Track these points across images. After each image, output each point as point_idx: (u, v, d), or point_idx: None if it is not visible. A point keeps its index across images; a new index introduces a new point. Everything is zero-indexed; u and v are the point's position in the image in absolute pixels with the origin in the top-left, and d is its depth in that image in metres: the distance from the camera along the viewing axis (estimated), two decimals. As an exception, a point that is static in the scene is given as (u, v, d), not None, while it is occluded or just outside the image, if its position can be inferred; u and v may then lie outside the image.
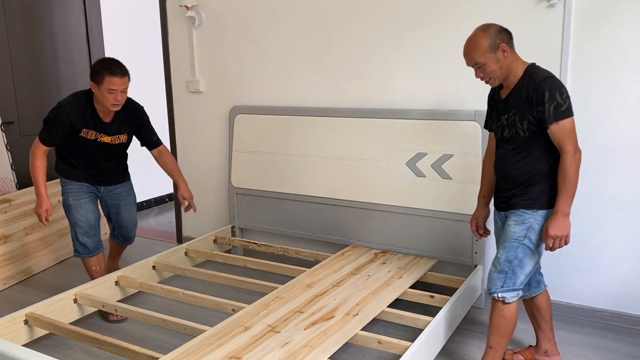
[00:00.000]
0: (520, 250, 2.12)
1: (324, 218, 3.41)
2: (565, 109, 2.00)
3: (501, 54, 2.08)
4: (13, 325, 2.48)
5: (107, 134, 2.88)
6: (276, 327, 2.28)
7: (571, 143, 2.01)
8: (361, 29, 3.21)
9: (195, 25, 3.73)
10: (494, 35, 2.08)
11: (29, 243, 3.60)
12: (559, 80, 2.05)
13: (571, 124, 2.02)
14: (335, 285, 2.72)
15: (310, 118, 3.40)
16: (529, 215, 2.11)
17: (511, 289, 2.15)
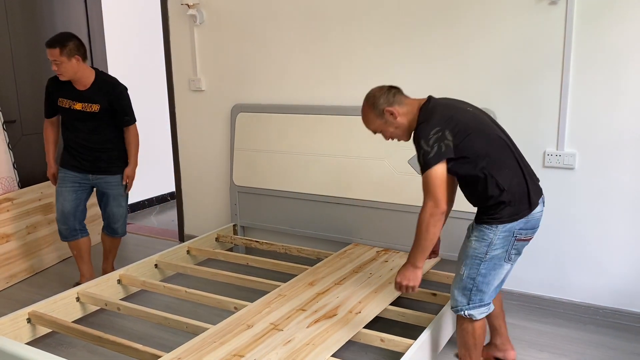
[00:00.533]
0: (482, 266, 2.04)
1: (325, 216, 3.41)
2: (433, 155, 1.91)
3: (390, 117, 2.07)
4: (16, 324, 2.49)
5: (79, 100, 3.04)
6: (278, 325, 2.28)
7: (430, 196, 1.93)
8: (361, 27, 3.21)
9: (197, 23, 3.73)
10: (377, 103, 2.07)
11: (32, 242, 3.61)
12: (427, 125, 1.96)
13: (434, 173, 1.91)
14: (338, 283, 2.72)
15: (312, 116, 3.40)
16: (489, 231, 2.01)
17: (478, 305, 2.08)
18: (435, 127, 1.93)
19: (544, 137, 2.83)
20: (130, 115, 3.16)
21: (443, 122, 1.95)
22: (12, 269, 3.44)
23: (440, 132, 1.93)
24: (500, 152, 2.01)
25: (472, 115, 2.04)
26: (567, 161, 2.78)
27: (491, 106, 2.90)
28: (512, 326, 2.79)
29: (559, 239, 2.87)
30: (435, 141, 1.92)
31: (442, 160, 1.92)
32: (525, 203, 2.01)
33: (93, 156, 3.12)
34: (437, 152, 1.91)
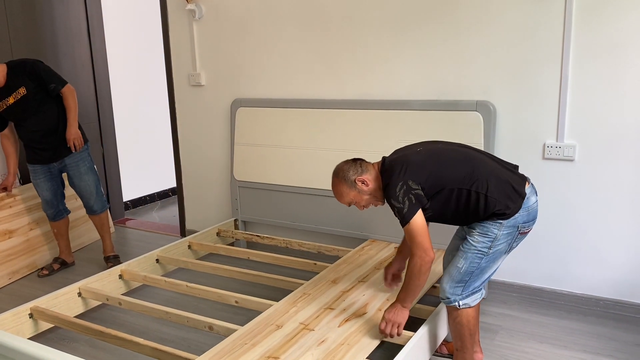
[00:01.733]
0: (484, 260, 2.05)
1: (325, 210, 3.42)
2: (407, 209, 1.97)
3: (362, 186, 2.12)
4: (18, 319, 2.51)
5: (6, 96, 3.13)
6: (309, 325, 2.24)
7: (417, 246, 1.98)
8: (361, 21, 3.20)
9: (196, 18, 3.72)
10: (347, 176, 2.13)
11: (34, 238, 3.62)
12: (392, 183, 2.01)
13: (415, 224, 1.97)
14: (361, 281, 2.67)
15: (312, 110, 3.40)
16: (493, 227, 2.02)
17: (471, 292, 2.11)
18: (399, 183, 2.00)
19: (544, 129, 2.82)
20: (55, 81, 3.18)
21: (402, 176, 2.01)
22: (14, 265, 3.45)
23: (405, 185, 1.99)
24: (465, 166, 2.05)
25: (424, 153, 2.10)
26: (567, 153, 2.78)
27: (491, 99, 2.89)
28: (512, 318, 2.79)
29: (559, 231, 2.87)
30: (404, 195, 1.98)
31: (417, 210, 1.98)
32: (513, 194, 2.02)
33: (48, 144, 3.26)
34: (409, 205, 1.97)
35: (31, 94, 3.14)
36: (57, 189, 3.43)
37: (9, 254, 3.42)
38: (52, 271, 3.50)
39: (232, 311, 2.86)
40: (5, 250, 3.40)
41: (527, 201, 2.04)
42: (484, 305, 2.91)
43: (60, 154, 3.29)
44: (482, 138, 2.87)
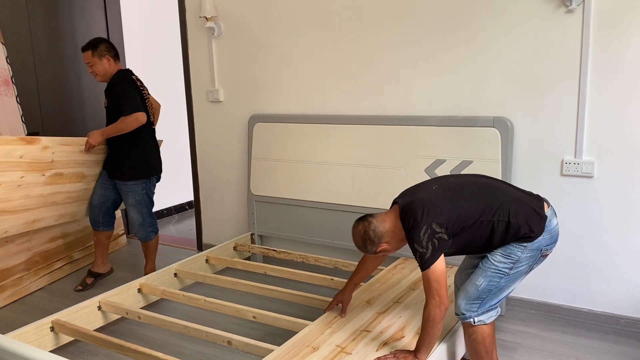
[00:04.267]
0: (503, 280, 2.04)
1: (342, 225, 3.42)
2: (429, 256, 1.93)
3: (385, 247, 2.08)
4: (40, 332, 2.54)
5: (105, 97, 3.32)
6: (346, 348, 2.19)
7: (432, 294, 1.96)
8: (377, 36, 3.23)
9: (215, 35, 3.79)
10: (367, 248, 2.10)
11: (52, 249, 3.68)
12: (417, 227, 1.95)
13: (434, 274, 1.94)
14: (397, 302, 2.62)
15: (329, 125, 3.43)
16: (517, 250, 2.01)
17: (487, 309, 2.09)
18: (423, 227, 1.95)
19: (562, 145, 2.81)
20: (126, 105, 3.14)
21: (425, 219, 1.95)
22: (67, 208, 3.45)
23: (429, 230, 1.94)
24: (483, 196, 2.04)
25: (440, 192, 2.06)
26: (585, 169, 2.77)
27: (508, 115, 2.90)
28: (531, 336, 2.77)
29: (578, 248, 2.85)
30: (428, 240, 1.93)
31: (439, 255, 1.95)
32: (535, 217, 2.01)
33: (113, 158, 3.33)
34: (432, 250, 1.94)
35: (109, 108, 3.28)
36: (106, 202, 3.46)
37: (69, 197, 3.37)
38: (85, 286, 3.50)
39: (249, 326, 2.87)
40: (70, 192, 3.34)
41: (549, 224, 2.03)
42: (501, 322, 2.89)
43: (114, 174, 3.35)
44: (499, 154, 2.87)
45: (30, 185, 3.06)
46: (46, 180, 3.13)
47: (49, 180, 3.15)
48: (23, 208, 3.10)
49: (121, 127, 3.16)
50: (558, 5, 2.70)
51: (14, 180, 2.95)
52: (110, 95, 3.25)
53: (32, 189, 3.08)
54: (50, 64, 4.01)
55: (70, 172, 3.26)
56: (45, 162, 3.08)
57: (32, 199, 3.11)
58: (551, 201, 2.79)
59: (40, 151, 3.01)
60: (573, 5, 2.64)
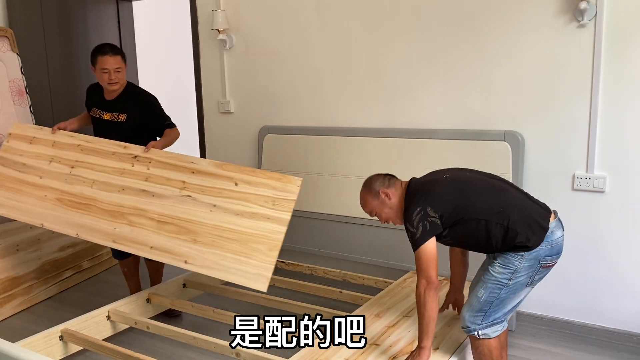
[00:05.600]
0: (503, 291, 2.04)
1: (351, 237, 3.42)
2: (419, 236, 1.99)
3: (385, 197, 2.17)
4: (49, 341, 2.54)
5: (107, 110, 3.08)
6: None
7: (422, 274, 2.00)
8: (389, 50, 3.24)
9: (226, 48, 3.82)
10: (374, 186, 2.21)
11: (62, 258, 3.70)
12: (411, 208, 2.05)
13: (422, 253, 1.99)
14: (406, 316, 2.58)
15: (339, 138, 3.44)
16: (515, 259, 2.01)
17: (492, 323, 2.08)
18: (417, 208, 2.02)
19: (574, 159, 2.80)
20: (169, 119, 3.13)
21: (423, 201, 2.04)
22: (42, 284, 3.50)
23: (423, 212, 2.01)
24: (489, 197, 2.05)
25: (449, 181, 2.12)
26: (597, 184, 2.75)
27: (519, 129, 2.89)
28: (541, 352, 2.74)
29: (589, 263, 2.83)
30: (419, 221, 2.00)
31: (429, 238, 2.00)
32: (536, 227, 2.01)
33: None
34: (422, 231, 1.99)
35: (127, 124, 3.04)
36: None
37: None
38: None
39: (257, 338, 2.86)
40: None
41: (550, 235, 2.02)
42: (512, 337, 2.86)
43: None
44: (510, 168, 2.86)
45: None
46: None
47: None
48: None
49: (172, 139, 3.11)
50: (570, 20, 2.71)
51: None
52: (144, 113, 3.06)
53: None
54: (64, 75, 4.06)
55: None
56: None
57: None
58: (562, 216, 2.77)
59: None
60: (585, 20, 2.64)
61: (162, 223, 2.64)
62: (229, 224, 2.57)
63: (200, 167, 2.75)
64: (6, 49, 3.60)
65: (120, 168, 2.86)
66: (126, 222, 2.72)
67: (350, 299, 2.99)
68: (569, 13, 2.70)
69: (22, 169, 2.99)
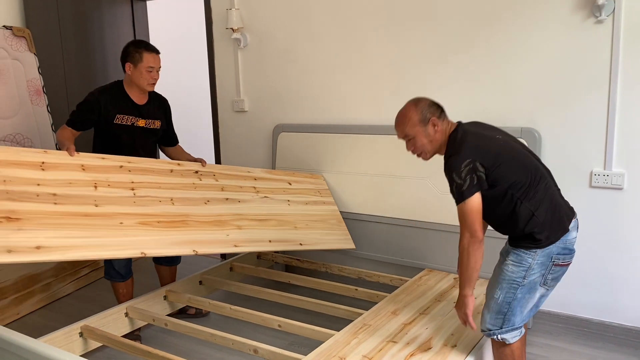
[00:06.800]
0: (519, 290, 2.02)
1: (366, 235, 3.42)
2: (465, 188, 1.92)
3: (431, 128, 2.07)
4: (69, 337, 2.57)
5: (142, 117, 2.87)
6: (373, 358, 2.17)
7: (466, 228, 1.95)
8: (403, 47, 3.24)
9: (241, 47, 3.84)
10: (425, 109, 2.07)
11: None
12: (457, 156, 1.95)
13: (469, 205, 1.93)
14: (422, 313, 2.59)
15: (353, 135, 3.44)
16: (527, 256, 2.00)
17: (511, 328, 2.06)
18: (467, 159, 1.94)
19: (591, 156, 2.78)
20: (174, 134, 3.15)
21: (474, 153, 1.95)
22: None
23: (472, 164, 1.93)
24: (531, 178, 2.00)
25: (502, 143, 2.04)
26: (615, 181, 2.73)
27: (536, 126, 2.88)
28: (559, 350, 2.72)
29: (607, 260, 2.81)
30: (468, 173, 1.92)
31: (475, 191, 1.94)
32: (558, 225, 1.99)
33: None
34: (470, 184, 1.92)
35: (159, 129, 2.99)
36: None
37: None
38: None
39: (272, 335, 2.88)
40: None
41: (567, 235, 2.01)
42: (529, 335, 2.85)
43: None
44: (526, 165, 2.84)
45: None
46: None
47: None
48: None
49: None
50: (587, 15, 2.68)
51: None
52: (167, 118, 3.03)
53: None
54: (80, 75, 4.09)
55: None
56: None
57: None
58: (580, 213, 2.76)
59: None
60: (603, 16, 2.62)
61: (263, 221, 2.96)
62: (307, 211, 3.23)
63: (257, 174, 3.24)
64: (24, 49, 3.64)
65: (190, 183, 2.86)
66: (234, 227, 2.83)
67: (366, 296, 2.99)
68: (587, 9, 2.68)
69: (58, 200, 2.38)
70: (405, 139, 2.14)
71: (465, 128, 2.07)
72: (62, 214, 2.34)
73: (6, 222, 2.16)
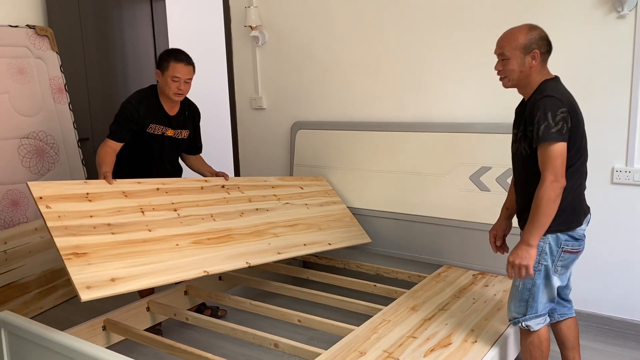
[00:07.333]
0: (537, 276, 2.03)
1: (384, 232, 3.43)
2: (556, 131, 1.87)
3: (529, 59, 1.99)
4: (92, 331, 2.62)
5: (171, 127, 2.88)
6: (393, 353, 2.18)
7: (551, 171, 1.88)
8: (421, 43, 3.24)
9: (259, 44, 3.86)
10: (534, 38, 1.99)
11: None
12: (558, 100, 1.91)
13: (556, 149, 1.88)
14: (442, 309, 2.60)
15: (371, 133, 3.44)
16: (540, 240, 1.99)
17: (534, 315, 2.08)
18: (565, 108, 1.90)
19: (612, 152, 2.76)
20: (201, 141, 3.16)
21: (570, 108, 1.93)
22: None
23: (567, 115, 1.90)
24: (581, 161, 2.02)
25: (582, 118, 2.02)
26: (637, 178, 2.70)
27: (556, 122, 2.86)
28: (581, 347, 2.70)
29: (628, 258, 2.78)
30: (561, 120, 1.88)
31: (563, 140, 1.89)
32: (574, 217, 2.01)
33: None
34: (560, 129, 1.88)
35: (187, 138, 3.00)
36: None
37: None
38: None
39: (292, 330, 2.90)
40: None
41: (579, 229, 2.05)
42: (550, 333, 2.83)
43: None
44: (547, 161, 2.83)
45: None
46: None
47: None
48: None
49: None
50: (609, 10, 2.66)
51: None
52: (192, 125, 3.01)
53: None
54: (100, 73, 4.15)
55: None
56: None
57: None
58: (601, 210, 2.75)
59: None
60: (625, 11, 2.60)
61: (292, 226, 3.11)
62: (324, 212, 3.39)
63: (273, 182, 3.37)
64: (46, 47, 3.70)
65: (221, 198, 2.96)
66: (272, 235, 2.94)
67: (385, 292, 3.00)
68: (608, 4, 2.66)
69: (114, 230, 2.41)
70: (499, 56, 2.07)
71: (564, 86, 2.03)
72: (122, 243, 2.38)
73: (75, 258, 2.20)
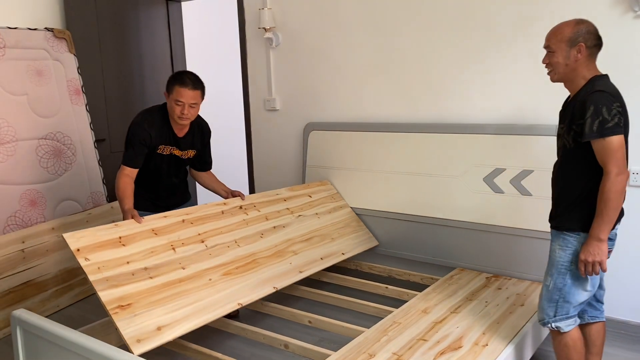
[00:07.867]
0: (569, 276, 2.01)
1: (396, 233, 3.41)
2: (613, 125, 1.86)
3: (575, 53, 1.97)
4: (106, 330, 2.64)
5: (179, 148, 2.88)
6: (402, 356, 2.17)
7: (615, 163, 1.87)
8: (434, 44, 3.22)
9: (273, 46, 3.88)
10: (581, 32, 1.97)
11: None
12: (610, 96, 1.90)
13: (617, 142, 1.87)
14: (453, 312, 2.58)
15: (384, 134, 3.44)
16: (572, 239, 1.99)
17: (564, 316, 2.05)
18: (617, 103, 1.90)
19: (630, 154, 2.69)
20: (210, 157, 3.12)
21: (621, 105, 1.93)
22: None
23: (621, 111, 1.90)
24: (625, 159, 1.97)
25: (628, 117, 2.00)
26: (655, 180, 2.66)
27: (571, 123, 2.82)
28: (595, 352, 2.66)
29: (646, 262, 2.73)
30: (617, 114, 1.88)
31: (620, 133, 1.88)
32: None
33: (169, 192, 3.03)
34: (617, 123, 1.87)
35: (193, 157, 2.99)
36: None
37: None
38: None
39: (302, 330, 2.90)
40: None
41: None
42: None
43: (176, 201, 3.07)
44: (561, 163, 2.79)
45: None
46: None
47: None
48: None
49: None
50: (625, 10, 2.62)
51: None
52: (203, 145, 3.00)
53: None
54: (117, 75, 4.20)
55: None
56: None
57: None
58: (617, 212, 2.69)
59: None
60: (642, 10, 2.56)
61: (308, 240, 3.16)
62: (333, 219, 3.44)
63: (284, 195, 3.38)
64: (64, 50, 3.76)
65: (241, 220, 2.97)
66: (291, 254, 3.00)
67: (396, 294, 2.99)
68: (625, 3, 2.62)
69: (151, 274, 2.40)
70: (547, 49, 2.06)
71: (611, 83, 2.01)
72: (161, 287, 2.38)
73: (121, 311, 2.21)
